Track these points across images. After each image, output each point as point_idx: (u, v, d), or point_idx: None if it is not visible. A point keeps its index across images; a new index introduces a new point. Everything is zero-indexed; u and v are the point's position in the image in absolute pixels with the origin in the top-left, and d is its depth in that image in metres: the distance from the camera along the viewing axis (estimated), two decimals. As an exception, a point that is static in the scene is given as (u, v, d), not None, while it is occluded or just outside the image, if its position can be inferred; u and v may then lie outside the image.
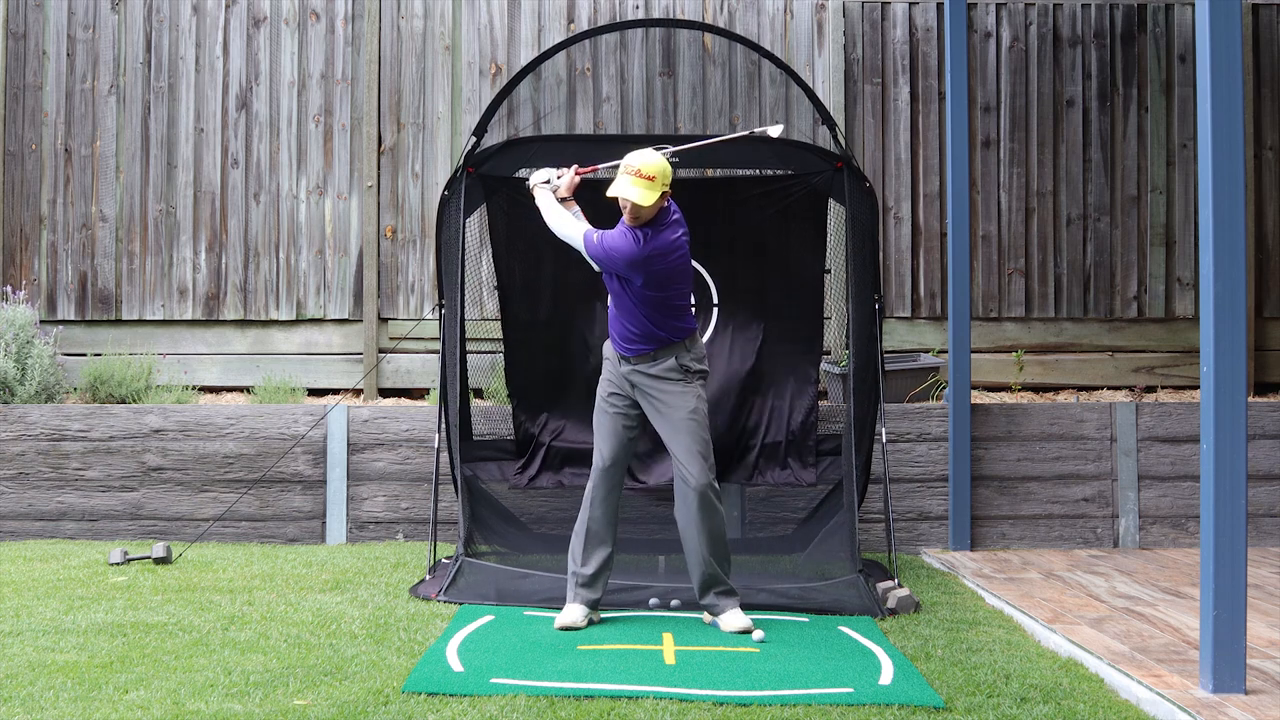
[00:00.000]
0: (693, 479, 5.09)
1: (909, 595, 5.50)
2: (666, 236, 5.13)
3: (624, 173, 5.13)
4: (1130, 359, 8.25)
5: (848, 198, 6.42)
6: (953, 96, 7.18)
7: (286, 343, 8.24)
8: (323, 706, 3.87)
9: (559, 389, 6.93)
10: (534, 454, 6.91)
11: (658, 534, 6.77)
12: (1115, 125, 8.29)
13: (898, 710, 3.93)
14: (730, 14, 8.24)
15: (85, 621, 5.00)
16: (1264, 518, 7.23)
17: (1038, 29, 8.29)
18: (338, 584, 5.91)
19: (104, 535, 7.21)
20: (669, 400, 5.16)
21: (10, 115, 8.30)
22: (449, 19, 8.27)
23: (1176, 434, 7.31)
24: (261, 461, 7.23)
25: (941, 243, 8.14)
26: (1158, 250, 8.26)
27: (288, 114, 8.26)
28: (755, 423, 6.87)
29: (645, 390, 5.20)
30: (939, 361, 7.70)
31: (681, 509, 5.15)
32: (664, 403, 5.16)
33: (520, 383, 6.99)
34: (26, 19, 8.33)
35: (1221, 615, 4.04)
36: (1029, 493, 7.26)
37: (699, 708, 3.93)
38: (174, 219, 8.25)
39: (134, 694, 3.99)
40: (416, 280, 8.16)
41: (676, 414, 5.15)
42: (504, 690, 4.08)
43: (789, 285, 6.87)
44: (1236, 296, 4.05)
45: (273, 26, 8.29)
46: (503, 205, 6.77)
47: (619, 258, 5.09)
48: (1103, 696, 4.17)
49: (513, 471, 6.93)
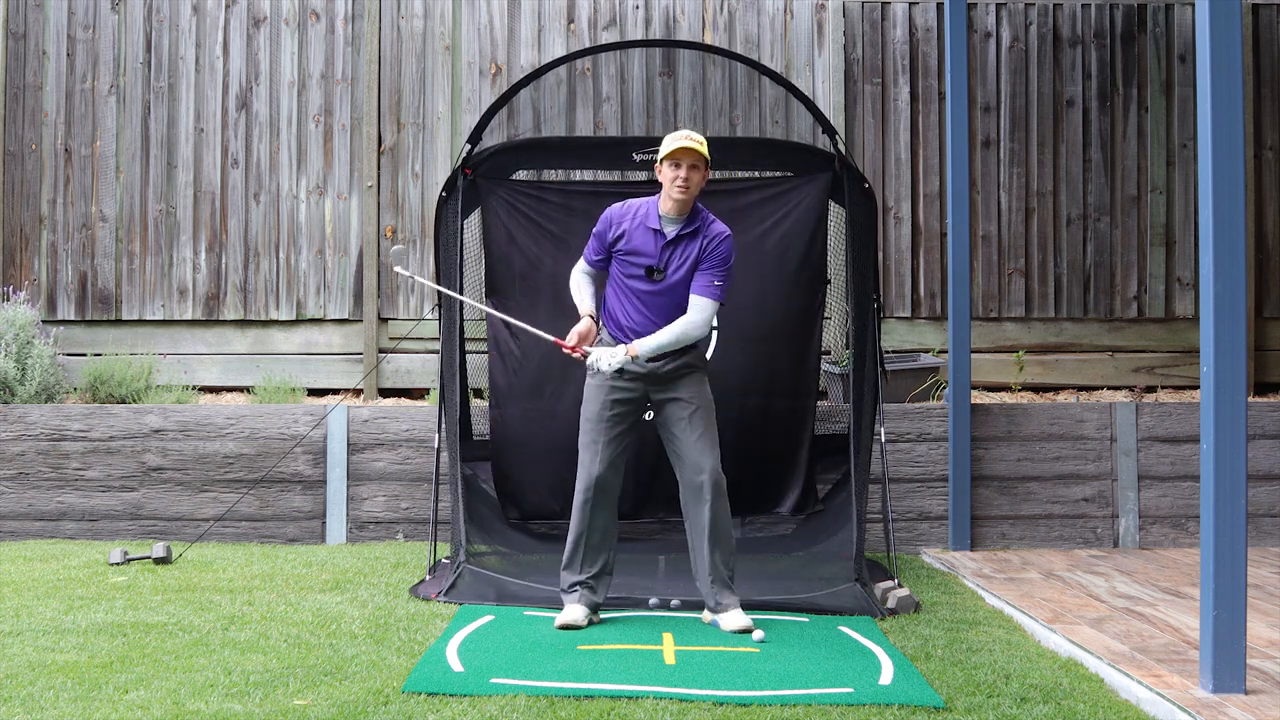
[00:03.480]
0: (707, 469, 5.07)
1: (909, 595, 5.50)
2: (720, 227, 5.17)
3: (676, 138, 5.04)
4: (1130, 359, 8.25)
5: (847, 198, 6.42)
6: (953, 96, 7.18)
7: (286, 343, 8.25)
8: (323, 706, 3.86)
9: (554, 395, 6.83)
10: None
11: (658, 534, 6.77)
12: (1115, 125, 8.29)
13: (898, 710, 3.93)
14: (730, 14, 8.24)
15: (85, 621, 5.00)
16: (1264, 518, 7.23)
17: (1038, 29, 8.30)
18: (338, 584, 5.91)
19: (104, 535, 7.21)
20: (690, 389, 5.14)
21: (10, 115, 8.30)
22: (449, 19, 8.27)
23: (1176, 434, 7.31)
24: (261, 461, 7.23)
25: (941, 243, 8.14)
26: (1158, 250, 8.26)
27: (288, 114, 8.26)
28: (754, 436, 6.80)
29: (666, 385, 5.13)
30: (939, 361, 7.70)
31: (692, 502, 5.11)
32: (683, 393, 5.13)
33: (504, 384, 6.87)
34: (26, 19, 8.33)
35: (1221, 615, 4.04)
36: (1029, 493, 7.26)
37: (699, 708, 3.93)
38: (174, 219, 8.25)
39: (134, 694, 3.98)
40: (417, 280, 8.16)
41: (695, 403, 5.13)
42: (504, 690, 4.08)
43: (789, 287, 6.86)
44: (1236, 296, 4.05)
45: (273, 26, 8.29)
46: (499, 208, 6.75)
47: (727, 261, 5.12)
48: (1103, 696, 4.17)
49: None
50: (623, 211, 5.21)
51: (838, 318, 7.53)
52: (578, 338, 5.12)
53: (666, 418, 5.18)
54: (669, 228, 5.14)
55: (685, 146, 5.00)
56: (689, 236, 5.13)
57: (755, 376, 6.75)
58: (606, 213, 5.25)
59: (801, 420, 6.86)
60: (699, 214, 5.17)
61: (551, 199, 6.75)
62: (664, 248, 5.13)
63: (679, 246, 5.13)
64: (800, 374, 6.87)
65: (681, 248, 5.13)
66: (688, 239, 5.13)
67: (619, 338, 5.19)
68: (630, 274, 5.16)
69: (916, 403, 7.46)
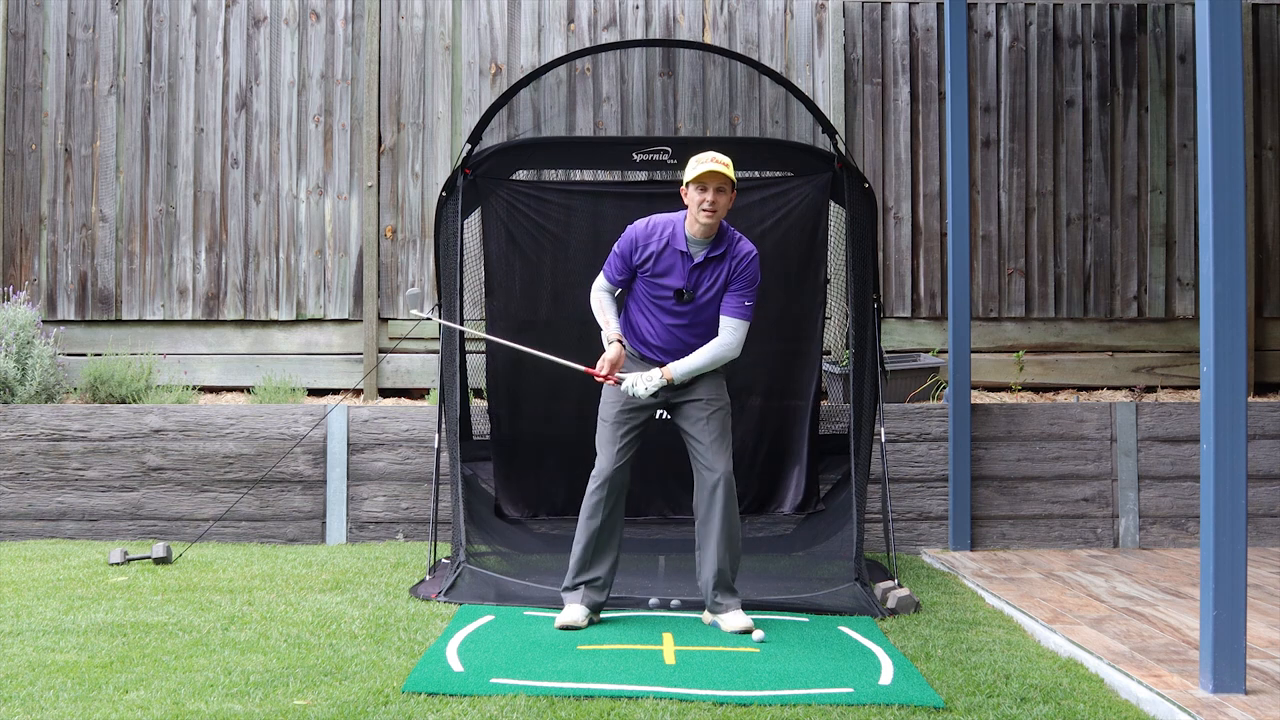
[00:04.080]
0: (720, 470, 5.08)
1: (909, 595, 5.50)
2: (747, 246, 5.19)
3: (703, 160, 5.01)
4: (1130, 359, 8.25)
5: (847, 198, 6.42)
6: (953, 96, 7.18)
7: (286, 343, 8.25)
8: (323, 706, 3.86)
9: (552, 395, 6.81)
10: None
11: (658, 534, 6.77)
12: (1115, 125, 8.29)
13: (898, 710, 3.93)
14: (730, 14, 8.24)
15: (85, 621, 5.00)
16: (1264, 518, 7.23)
17: (1038, 29, 8.30)
18: (338, 584, 5.91)
19: (104, 535, 7.21)
20: (709, 390, 5.15)
21: (10, 115, 8.30)
22: (449, 19, 8.27)
23: (1176, 434, 7.31)
24: (261, 461, 7.23)
25: (941, 243, 8.14)
26: (1158, 250, 8.26)
27: (288, 114, 8.27)
28: (756, 436, 6.81)
29: (686, 386, 5.15)
30: (939, 361, 7.70)
31: (704, 500, 5.11)
32: (703, 394, 5.14)
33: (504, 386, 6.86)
34: (26, 19, 8.33)
35: (1221, 615, 4.04)
36: (1029, 493, 7.26)
37: (699, 708, 3.93)
38: (174, 219, 8.25)
39: (134, 694, 3.98)
40: (416, 280, 8.16)
41: (714, 404, 5.14)
42: (504, 690, 4.08)
43: (789, 287, 6.86)
44: (1236, 296, 4.05)
45: (273, 26, 8.29)
46: (499, 208, 6.75)
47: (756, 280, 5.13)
48: (1103, 696, 4.17)
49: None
50: (648, 231, 5.15)
51: (838, 318, 7.53)
52: (609, 366, 5.10)
53: (685, 417, 5.19)
54: (697, 250, 5.11)
55: (713, 170, 4.96)
56: (716, 260, 5.11)
57: (756, 377, 6.75)
58: (631, 233, 5.18)
59: (804, 420, 6.86)
60: (726, 234, 5.14)
61: (552, 199, 6.75)
62: (692, 270, 5.10)
63: (708, 269, 5.11)
64: (801, 374, 6.87)
65: (710, 270, 5.11)
66: (715, 261, 5.11)
67: (644, 354, 5.20)
68: (658, 295, 5.15)
69: (916, 403, 7.46)
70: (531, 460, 6.75)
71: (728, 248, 5.12)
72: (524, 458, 6.77)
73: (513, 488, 6.80)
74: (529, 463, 6.77)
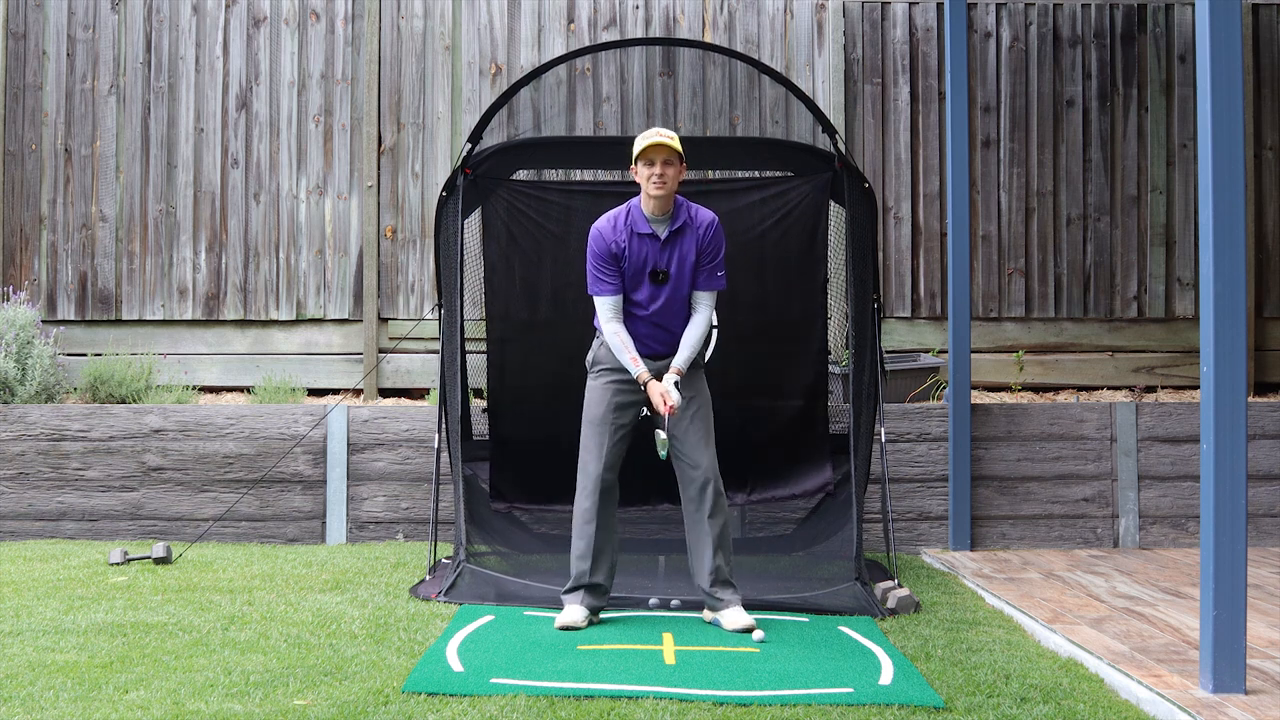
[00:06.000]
0: (704, 466, 5.09)
1: (909, 595, 5.50)
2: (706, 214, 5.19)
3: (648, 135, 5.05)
4: (1130, 359, 8.25)
5: (847, 198, 6.42)
6: (953, 96, 7.18)
7: (286, 343, 8.25)
8: (323, 706, 3.86)
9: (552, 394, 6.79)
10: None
11: (657, 534, 6.76)
12: (1115, 125, 8.29)
13: (898, 710, 3.93)
14: (730, 14, 8.24)
15: (85, 621, 5.00)
16: (1264, 518, 7.23)
17: (1038, 29, 8.30)
18: (338, 584, 5.91)
19: (104, 535, 7.21)
20: (691, 386, 5.17)
21: (10, 115, 8.30)
22: (449, 19, 8.27)
23: (1176, 434, 7.31)
24: (261, 461, 7.23)
25: (941, 243, 8.14)
26: (1158, 250, 8.26)
27: (288, 114, 8.27)
28: (759, 431, 6.81)
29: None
30: (939, 361, 7.70)
31: (693, 498, 5.12)
32: (685, 390, 5.14)
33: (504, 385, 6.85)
34: (26, 19, 8.33)
35: (1221, 615, 4.04)
36: (1029, 493, 7.26)
37: (699, 708, 3.93)
38: (174, 219, 8.25)
39: (134, 694, 3.98)
40: (416, 280, 8.16)
41: (696, 400, 5.16)
42: (504, 690, 4.08)
43: (789, 288, 6.86)
44: (1236, 296, 4.05)
45: (273, 26, 8.30)
46: (500, 208, 6.74)
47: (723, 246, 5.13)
48: (1103, 696, 4.16)
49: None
50: (610, 226, 5.17)
51: (838, 318, 7.53)
52: (661, 398, 5.04)
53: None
54: (659, 228, 5.16)
55: (656, 143, 5.03)
56: (680, 233, 5.15)
57: (757, 377, 6.75)
58: (596, 235, 5.17)
59: (807, 420, 6.85)
60: (681, 206, 5.20)
61: (552, 199, 6.75)
62: (663, 248, 5.15)
63: (674, 244, 5.16)
64: (802, 374, 6.87)
65: (677, 245, 5.16)
66: (679, 235, 5.15)
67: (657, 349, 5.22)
68: (634, 284, 5.18)
69: (916, 403, 7.46)
70: (531, 460, 6.75)
71: (687, 219, 5.16)
72: (524, 458, 6.77)
73: (512, 486, 6.80)
74: (529, 462, 6.76)
